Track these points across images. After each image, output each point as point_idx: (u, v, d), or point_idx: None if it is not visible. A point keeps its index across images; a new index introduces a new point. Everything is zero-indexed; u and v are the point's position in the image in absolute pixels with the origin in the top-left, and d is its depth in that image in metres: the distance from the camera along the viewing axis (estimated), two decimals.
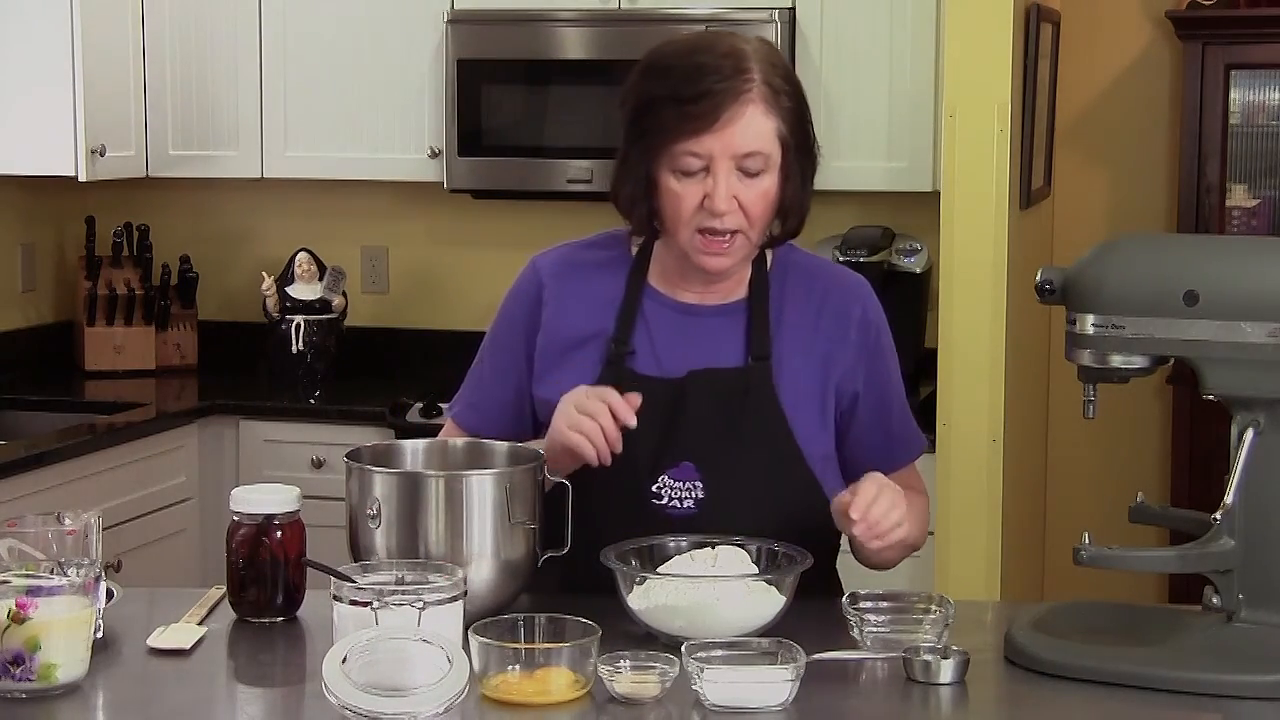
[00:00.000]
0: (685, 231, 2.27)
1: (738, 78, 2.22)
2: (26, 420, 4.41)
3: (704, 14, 4.33)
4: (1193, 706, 1.94)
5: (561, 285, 2.41)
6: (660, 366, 2.33)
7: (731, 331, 2.35)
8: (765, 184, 2.25)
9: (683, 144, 2.22)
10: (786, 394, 2.32)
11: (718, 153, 2.22)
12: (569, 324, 2.38)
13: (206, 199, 5.12)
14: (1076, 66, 4.87)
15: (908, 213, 4.44)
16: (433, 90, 4.58)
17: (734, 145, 2.22)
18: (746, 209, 2.25)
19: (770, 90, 2.24)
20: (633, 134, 2.29)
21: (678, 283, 2.37)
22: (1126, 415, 4.86)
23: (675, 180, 2.25)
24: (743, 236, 2.27)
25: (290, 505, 2.22)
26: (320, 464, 4.41)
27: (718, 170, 2.23)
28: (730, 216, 2.24)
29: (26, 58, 4.42)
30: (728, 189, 2.23)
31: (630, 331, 2.35)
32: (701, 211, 2.25)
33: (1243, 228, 4.80)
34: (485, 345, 2.50)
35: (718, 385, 2.30)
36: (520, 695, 1.88)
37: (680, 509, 2.28)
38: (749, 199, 2.24)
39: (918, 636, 2.06)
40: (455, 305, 4.98)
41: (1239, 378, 2.00)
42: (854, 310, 2.38)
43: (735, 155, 2.22)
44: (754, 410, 2.30)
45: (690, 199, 2.24)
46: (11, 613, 1.90)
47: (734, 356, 2.34)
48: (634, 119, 2.29)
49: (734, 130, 2.22)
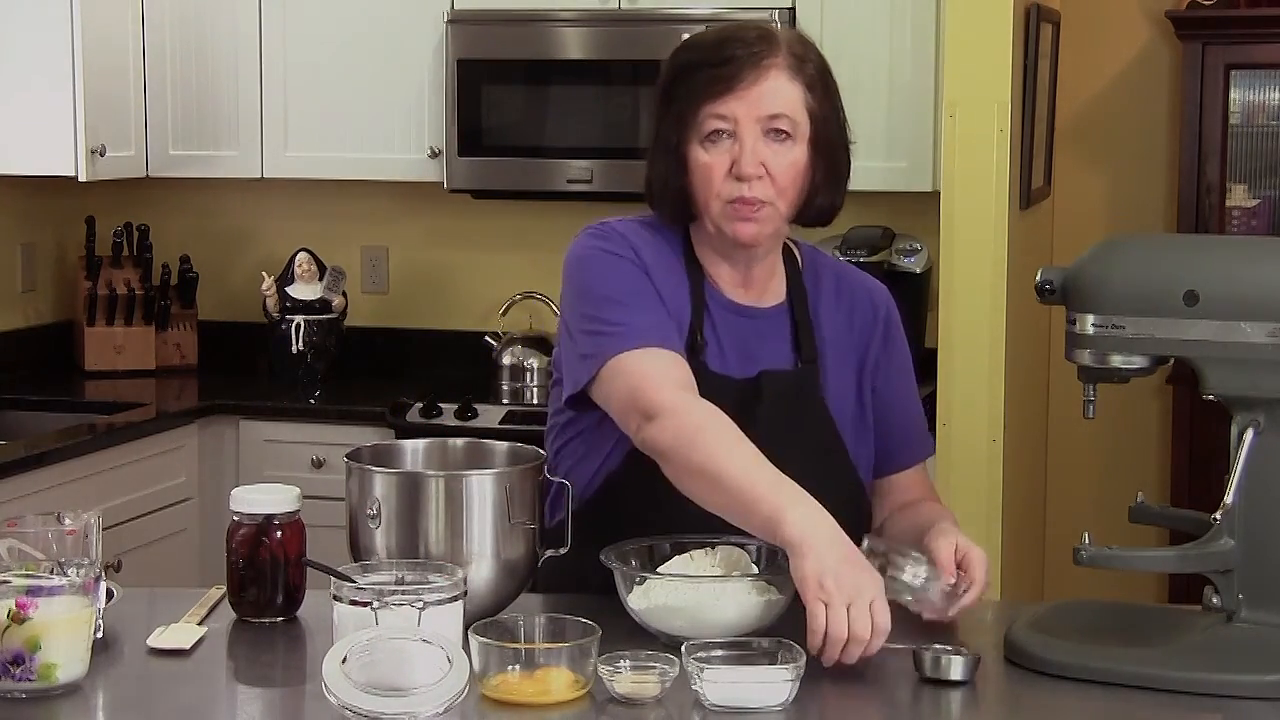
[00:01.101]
0: (716, 204, 2.26)
1: (763, 44, 2.25)
2: (26, 420, 4.41)
3: (704, 14, 4.33)
4: (1193, 706, 1.94)
5: (647, 252, 2.31)
6: (724, 364, 2.32)
7: (778, 333, 2.36)
8: (794, 154, 2.25)
9: (709, 107, 2.24)
10: (831, 396, 2.34)
11: (742, 115, 2.23)
12: (662, 291, 2.29)
13: (206, 199, 5.12)
14: (1076, 66, 4.87)
15: (908, 213, 4.44)
16: (433, 90, 4.58)
17: (759, 107, 2.23)
18: (775, 177, 2.24)
19: (795, 59, 2.26)
20: (664, 107, 2.31)
21: (721, 276, 2.36)
22: (1126, 415, 4.86)
23: (704, 151, 2.25)
24: (771, 208, 2.26)
25: (290, 505, 2.22)
26: (320, 464, 4.41)
27: (743, 134, 2.23)
28: (759, 184, 2.24)
29: (26, 57, 4.43)
30: (755, 154, 2.23)
31: (702, 323, 2.33)
32: (730, 180, 2.24)
33: (1243, 228, 4.81)
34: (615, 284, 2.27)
35: (783, 387, 2.31)
36: (520, 695, 1.88)
37: None
38: (777, 167, 2.24)
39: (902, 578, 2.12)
40: (455, 305, 4.99)
41: (1239, 378, 2.00)
42: (879, 312, 2.41)
43: (760, 117, 2.23)
44: (806, 412, 2.32)
45: (719, 167, 2.25)
46: (11, 613, 1.90)
47: (782, 358, 2.34)
48: (665, 90, 2.31)
49: (759, 91, 2.23)
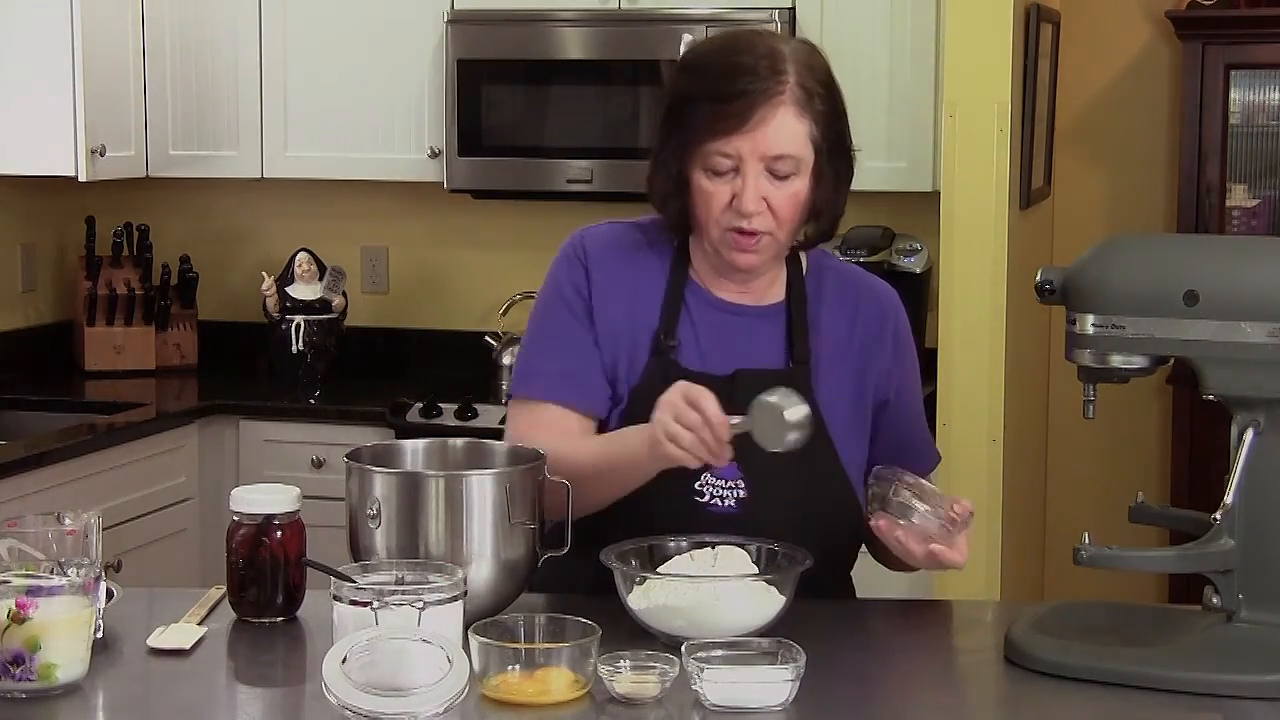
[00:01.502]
0: (715, 230, 2.27)
1: (772, 79, 2.22)
2: (26, 420, 4.40)
3: (704, 14, 4.33)
4: (1193, 706, 1.94)
5: (607, 265, 2.36)
6: (704, 362, 2.32)
7: (771, 333, 2.35)
8: (795, 186, 2.25)
9: (714, 144, 2.23)
10: (824, 398, 2.32)
11: (747, 154, 2.22)
12: (614, 306, 2.35)
13: (206, 199, 5.12)
14: (1076, 66, 4.87)
15: (908, 213, 4.44)
16: (433, 90, 4.58)
17: (764, 147, 2.22)
18: (775, 211, 2.25)
19: (804, 93, 2.24)
20: (666, 130, 2.30)
21: (715, 279, 2.36)
22: (1126, 415, 4.86)
23: (706, 179, 2.26)
24: (770, 238, 2.27)
25: (290, 505, 2.22)
26: (320, 464, 4.41)
27: (747, 171, 2.23)
28: (759, 218, 2.24)
29: (26, 58, 4.42)
30: (756, 190, 2.23)
31: (675, 324, 2.34)
32: (730, 211, 2.25)
33: (1243, 228, 4.81)
34: (547, 319, 2.37)
35: (763, 385, 2.30)
36: (520, 695, 1.88)
37: (722, 508, 2.28)
38: (778, 201, 2.24)
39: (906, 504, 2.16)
40: (455, 305, 4.99)
41: (1239, 378, 2.00)
42: (888, 321, 2.40)
43: (765, 157, 2.23)
44: None
45: (720, 198, 2.25)
46: (11, 613, 1.90)
47: (774, 358, 2.34)
48: (668, 115, 2.30)
49: (765, 132, 2.22)
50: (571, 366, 2.33)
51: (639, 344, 2.33)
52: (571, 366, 2.33)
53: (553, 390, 2.33)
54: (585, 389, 2.32)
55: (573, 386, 2.33)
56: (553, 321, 2.37)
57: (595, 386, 2.33)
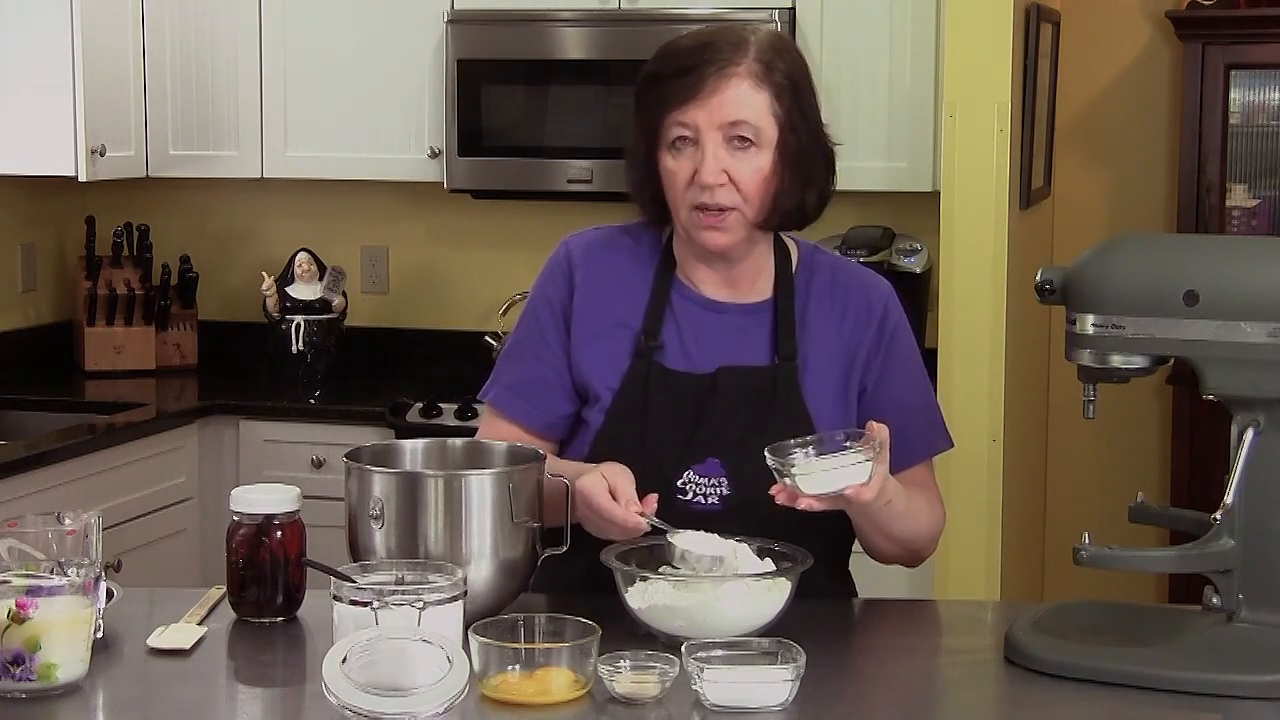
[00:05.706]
0: (684, 210, 2.28)
1: (730, 51, 2.25)
2: (26, 420, 4.40)
3: (704, 14, 4.33)
4: (1193, 706, 1.94)
5: (592, 269, 2.39)
6: (689, 361, 2.33)
7: (758, 330, 2.35)
8: (759, 160, 2.26)
9: (671, 116, 2.25)
10: (811, 395, 2.32)
11: (704, 123, 2.24)
12: (599, 310, 2.37)
13: (206, 199, 5.12)
14: (1076, 66, 4.87)
15: (908, 213, 4.44)
16: (433, 90, 4.58)
17: (719, 115, 2.23)
18: (739, 184, 2.25)
19: (762, 66, 2.25)
20: (637, 115, 2.32)
21: (701, 276, 2.37)
22: (1126, 415, 4.86)
23: (671, 157, 2.27)
24: (738, 214, 2.27)
25: (290, 505, 2.22)
26: (320, 464, 4.41)
27: (705, 141, 2.24)
28: (722, 191, 2.25)
29: (26, 58, 4.42)
30: (716, 162, 2.24)
31: (659, 325, 2.34)
32: (694, 187, 2.26)
33: (1243, 228, 4.81)
34: (521, 327, 2.44)
35: (746, 383, 2.30)
36: (520, 695, 1.88)
37: (704, 505, 2.28)
38: (741, 174, 2.25)
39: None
40: (455, 305, 4.99)
41: (1239, 378, 2.00)
42: (875, 311, 2.38)
43: (722, 125, 2.24)
44: (780, 410, 2.30)
45: (683, 174, 2.26)
46: (11, 613, 1.90)
47: (760, 355, 2.34)
48: (637, 98, 2.32)
49: (720, 99, 2.24)
50: (531, 380, 2.38)
51: (623, 346, 2.34)
52: (531, 380, 2.38)
53: (507, 404, 2.40)
54: (539, 408, 2.37)
55: (525, 406, 2.38)
56: (524, 332, 2.42)
57: (551, 404, 2.37)
